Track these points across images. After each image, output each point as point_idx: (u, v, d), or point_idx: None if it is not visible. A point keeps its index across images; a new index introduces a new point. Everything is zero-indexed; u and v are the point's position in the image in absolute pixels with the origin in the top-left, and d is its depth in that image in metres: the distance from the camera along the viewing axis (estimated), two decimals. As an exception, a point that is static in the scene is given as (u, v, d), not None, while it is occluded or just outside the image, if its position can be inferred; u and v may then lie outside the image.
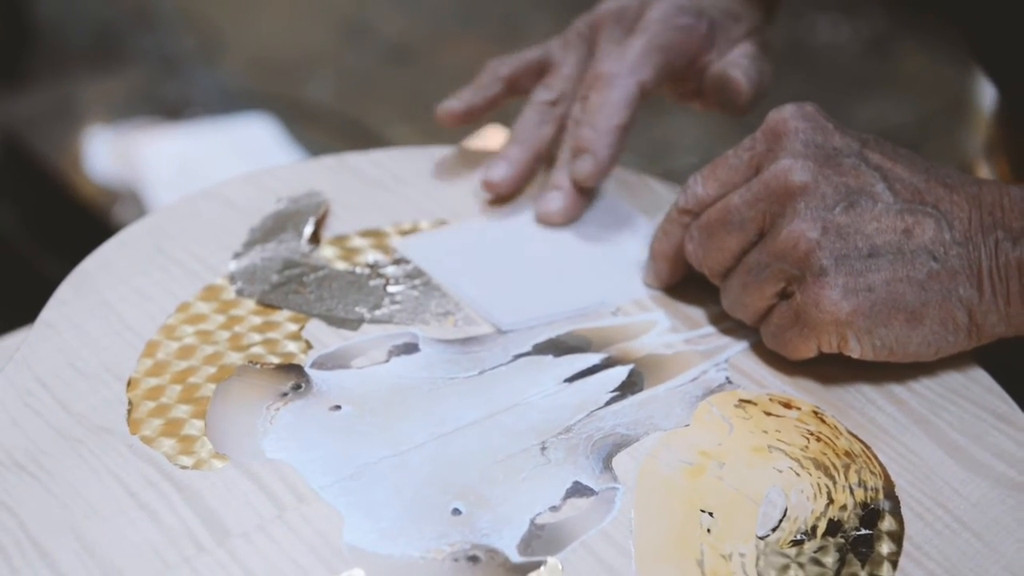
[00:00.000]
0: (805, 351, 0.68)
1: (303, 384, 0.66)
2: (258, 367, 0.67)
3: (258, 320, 0.70)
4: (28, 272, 1.83)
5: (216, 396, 0.65)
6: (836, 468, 0.64)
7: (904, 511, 0.62)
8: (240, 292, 0.72)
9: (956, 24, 0.85)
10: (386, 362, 0.68)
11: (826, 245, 0.66)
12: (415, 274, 0.74)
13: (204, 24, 2.56)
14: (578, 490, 0.61)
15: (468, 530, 0.59)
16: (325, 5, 2.70)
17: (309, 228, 0.76)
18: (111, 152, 1.98)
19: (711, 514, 0.61)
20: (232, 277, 0.73)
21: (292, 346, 0.69)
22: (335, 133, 2.26)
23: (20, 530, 0.58)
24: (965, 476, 0.64)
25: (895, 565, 0.59)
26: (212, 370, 0.67)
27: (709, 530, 0.60)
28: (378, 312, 0.71)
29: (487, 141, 1.41)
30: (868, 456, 0.65)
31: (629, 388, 0.67)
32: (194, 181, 1.91)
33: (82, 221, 1.90)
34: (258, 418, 0.64)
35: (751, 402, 0.67)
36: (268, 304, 0.71)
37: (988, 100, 0.98)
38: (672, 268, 0.73)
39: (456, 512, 0.60)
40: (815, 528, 0.61)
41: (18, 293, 1.73)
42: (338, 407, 0.65)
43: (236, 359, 0.67)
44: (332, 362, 0.68)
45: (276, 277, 0.73)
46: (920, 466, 0.64)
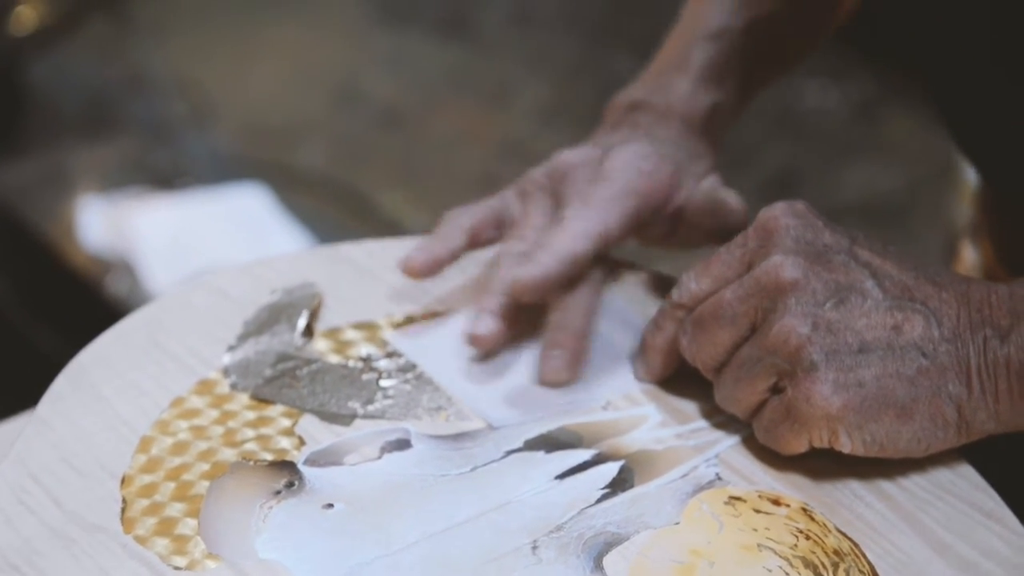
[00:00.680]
0: (797, 446, 0.68)
1: (296, 482, 0.67)
2: (251, 464, 0.68)
3: (252, 415, 0.71)
4: (19, 342, 1.83)
5: (210, 494, 0.66)
6: (825, 567, 0.64)
7: (893, 611, 0.63)
8: (234, 386, 0.72)
9: (941, 113, 0.86)
10: (378, 459, 0.69)
11: (816, 340, 0.66)
12: (407, 368, 0.75)
13: (195, 90, 2.57)
14: (569, 591, 0.62)
15: (460, 632, 0.60)
16: (316, 70, 2.71)
17: (303, 320, 0.77)
18: (103, 222, 1.99)
19: (701, 615, 0.61)
20: (226, 371, 0.73)
21: (285, 442, 0.69)
22: (327, 199, 2.27)
23: (14, 633, 0.59)
24: (952, 575, 0.65)
25: (884, 667, 0.60)
26: (206, 467, 0.67)
27: (699, 632, 0.61)
28: (371, 407, 0.72)
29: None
30: (857, 555, 0.65)
31: (620, 485, 0.68)
32: (187, 252, 1.92)
33: (74, 291, 1.91)
34: (251, 517, 0.65)
35: (741, 499, 0.68)
36: (262, 399, 0.72)
37: (972, 180, 1.00)
38: (665, 362, 0.74)
39: (448, 614, 0.60)
40: (805, 629, 0.61)
41: (8, 363, 1.74)
42: (331, 505, 0.65)
43: (230, 455, 0.68)
44: (325, 459, 0.68)
45: (269, 371, 0.74)
46: (908, 564, 0.65)
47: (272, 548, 0.63)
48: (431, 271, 0.78)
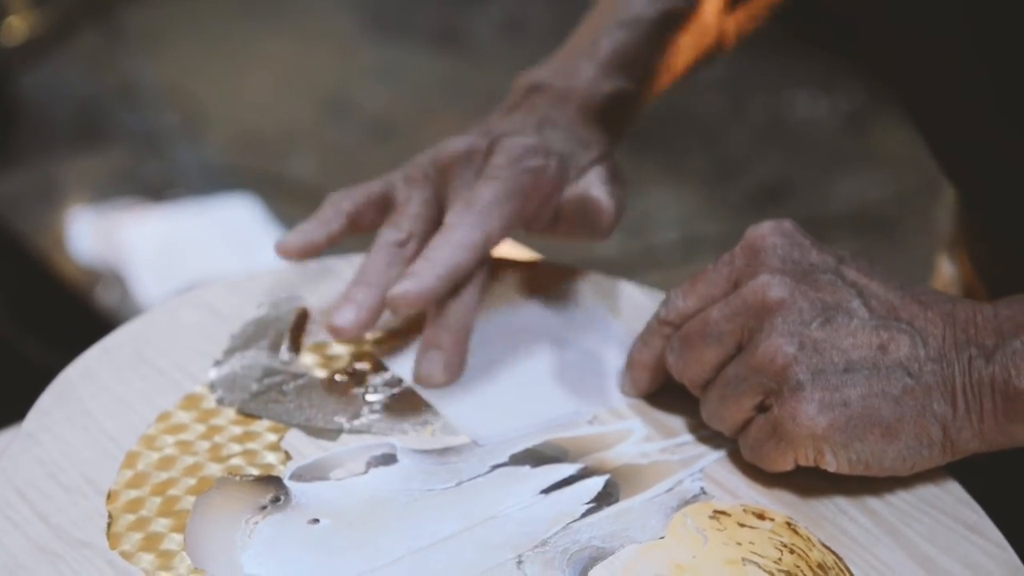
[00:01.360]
0: (782, 464, 0.69)
1: (282, 497, 0.67)
2: (237, 479, 0.68)
3: (238, 430, 0.71)
4: (8, 353, 1.83)
5: (196, 510, 0.66)
6: (809, 581, 0.64)
7: (876, 625, 0.63)
8: (220, 401, 0.73)
9: (919, 129, 0.86)
10: (364, 474, 0.69)
11: (803, 360, 0.67)
12: (393, 382, 0.75)
13: (186, 101, 2.57)
14: (554, 605, 0.62)
15: (445, 648, 0.60)
16: (307, 81, 2.72)
17: (289, 335, 0.77)
18: (94, 232, 1.99)
19: (685, 630, 0.61)
20: (212, 386, 0.73)
21: (271, 457, 0.69)
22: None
23: (-1, 649, 0.59)
24: (936, 588, 0.65)
25: None
26: (192, 482, 0.67)
27: (683, 646, 0.61)
28: (357, 422, 0.72)
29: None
30: (840, 568, 0.65)
31: (605, 499, 0.68)
32: (177, 263, 1.92)
33: (64, 302, 1.91)
34: (237, 532, 0.65)
35: (725, 513, 0.68)
36: (248, 413, 0.72)
37: (950, 199, 1.00)
38: (651, 377, 0.74)
39: (433, 629, 0.60)
40: (788, 644, 0.61)
41: (-2, 374, 1.74)
42: (317, 520, 0.66)
43: (216, 470, 0.68)
44: (311, 474, 0.68)
45: (256, 386, 0.74)
46: (892, 578, 0.65)
47: (258, 563, 0.63)
48: (306, 253, 0.78)
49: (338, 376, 0.75)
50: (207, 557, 0.63)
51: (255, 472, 0.68)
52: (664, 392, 0.74)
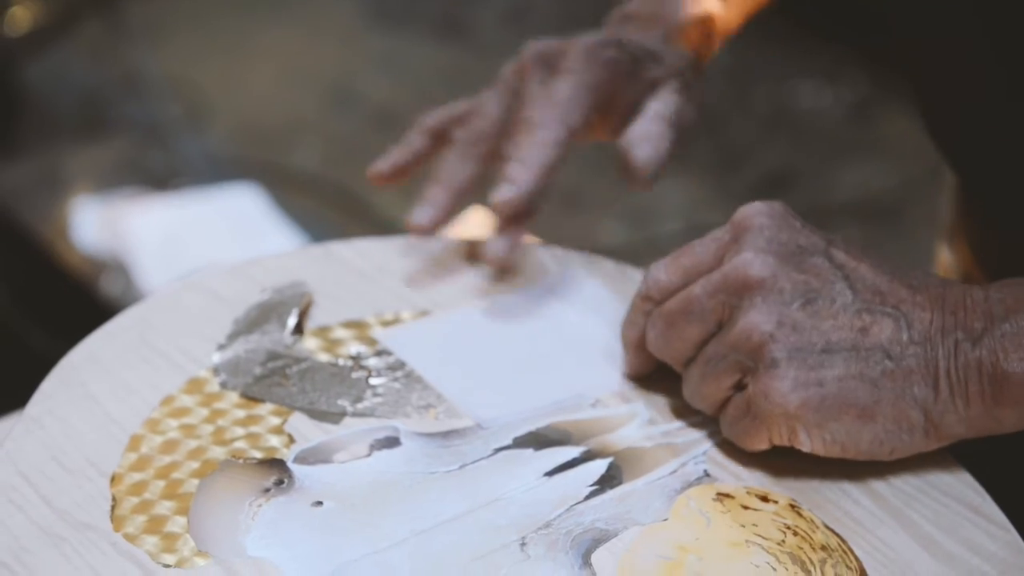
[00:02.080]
0: (758, 442, 0.68)
1: (285, 479, 0.67)
2: (241, 462, 0.68)
3: (241, 414, 0.71)
4: (13, 342, 1.83)
5: (199, 492, 0.66)
6: (812, 563, 0.64)
7: (880, 607, 0.63)
8: (224, 385, 0.73)
9: (921, 111, 0.86)
10: (368, 456, 0.69)
11: (780, 338, 0.66)
12: (397, 366, 0.75)
13: (191, 91, 2.57)
14: (557, 587, 0.62)
15: (448, 629, 0.60)
16: (311, 71, 2.72)
17: (292, 319, 0.77)
18: (98, 222, 1.99)
19: (689, 611, 0.61)
20: (216, 369, 0.74)
21: (275, 440, 0.69)
22: (321, 200, 2.27)
23: (3, 631, 0.59)
24: (940, 570, 0.65)
25: (871, 662, 0.60)
26: (195, 465, 0.68)
27: (687, 627, 0.61)
28: (360, 405, 0.72)
29: (471, 225, 1.42)
30: (844, 550, 0.65)
31: (608, 482, 0.68)
32: (181, 252, 1.92)
33: (68, 291, 1.91)
34: (240, 515, 0.65)
35: (729, 495, 0.68)
36: (251, 397, 0.72)
37: (951, 181, 0.99)
38: (642, 357, 0.74)
39: (436, 610, 0.61)
40: (792, 625, 0.61)
41: (2, 363, 1.74)
42: (320, 503, 0.66)
43: (219, 454, 0.68)
44: (314, 457, 0.68)
45: (259, 369, 0.74)
46: (896, 560, 0.65)
47: (261, 546, 0.63)
48: (396, 176, 0.83)
49: (341, 360, 0.75)
50: (211, 540, 0.63)
51: (258, 455, 0.68)
52: (667, 375, 0.74)
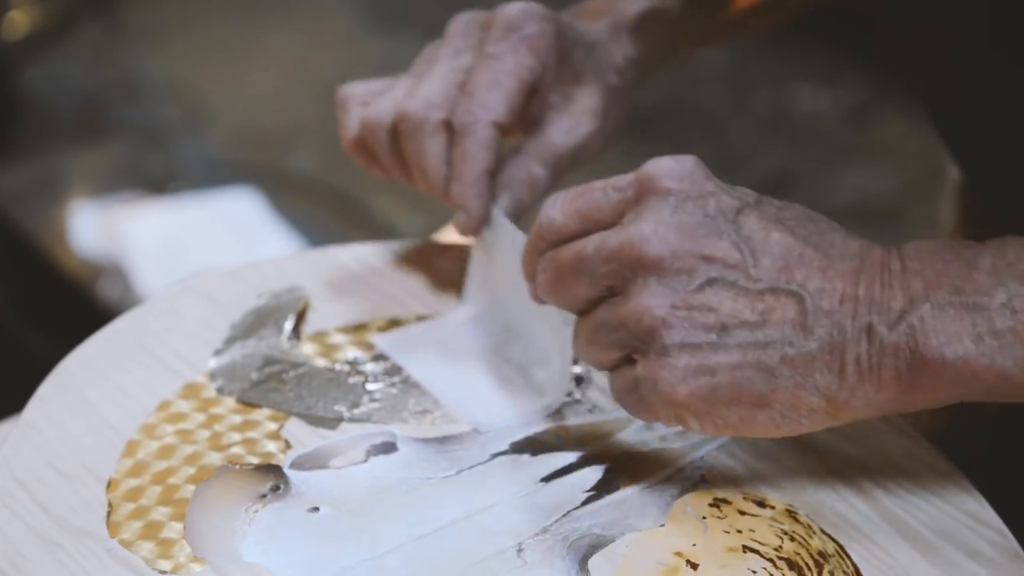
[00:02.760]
0: (647, 419, 0.66)
1: (282, 485, 0.67)
2: (237, 468, 0.68)
3: (238, 419, 0.71)
4: (10, 346, 1.83)
5: (195, 498, 0.66)
6: (809, 568, 0.64)
7: (877, 612, 0.63)
8: (220, 390, 0.72)
9: (928, 109, 0.86)
10: (364, 462, 0.69)
11: (673, 323, 0.63)
12: (393, 371, 0.75)
13: (189, 95, 2.57)
14: (554, 593, 0.62)
15: (444, 635, 0.60)
16: (309, 75, 2.71)
17: (289, 324, 0.77)
18: (96, 226, 1.99)
19: (686, 617, 0.61)
20: (212, 375, 0.73)
21: (271, 446, 0.69)
22: (320, 204, 2.27)
23: (-2, 637, 0.59)
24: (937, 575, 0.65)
25: (868, 668, 0.60)
26: (192, 471, 0.67)
27: (684, 633, 0.61)
28: (357, 411, 0.72)
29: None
30: (841, 556, 0.65)
31: (605, 487, 0.68)
32: (179, 256, 1.92)
33: (66, 295, 1.91)
34: (236, 520, 0.65)
35: (726, 501, 0.68)
36: (248, 402, 0.72)
37: (955, 182, 0.99)
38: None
39: (433, 616, 0.60)
40: (789, 631, 0.61)
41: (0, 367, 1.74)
42: (316, 509, 0.65)
43: (216, 459, 0.68)
44: (311, 462, 0.68)
45: (256, 375, 0.74)
46: (893, 566, 0.65)
47: (257, 552, 0.63)
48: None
49: (338, 365, 0.75)
50: (207, 545, 0.63)
51: (255, 461, 0.68)
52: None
